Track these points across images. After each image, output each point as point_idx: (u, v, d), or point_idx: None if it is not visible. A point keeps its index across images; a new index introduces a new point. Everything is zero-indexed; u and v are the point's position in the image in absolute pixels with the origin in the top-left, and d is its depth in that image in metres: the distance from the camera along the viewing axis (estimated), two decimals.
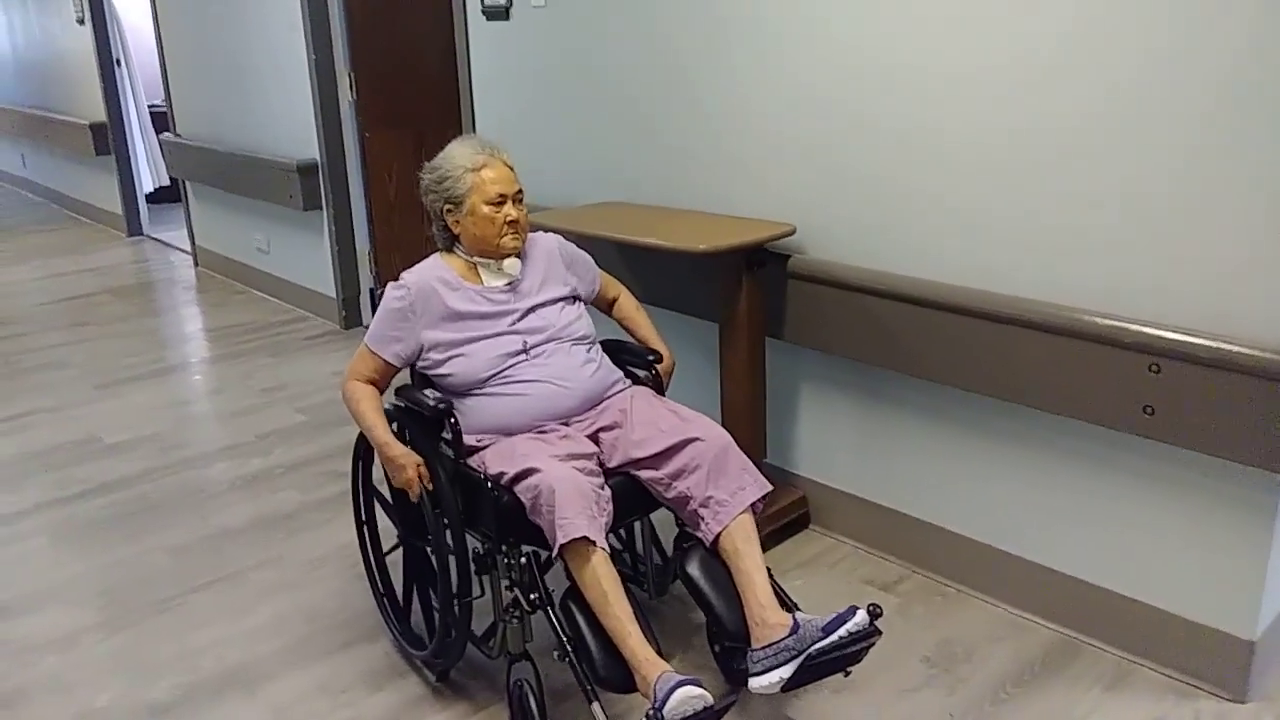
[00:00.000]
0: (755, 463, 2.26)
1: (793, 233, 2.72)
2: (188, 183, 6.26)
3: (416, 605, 2.54)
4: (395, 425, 2.31)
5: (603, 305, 2.63)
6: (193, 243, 6.45)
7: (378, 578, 2.63)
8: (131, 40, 7.05)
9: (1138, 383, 2.15)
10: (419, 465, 2.19)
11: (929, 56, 2.43)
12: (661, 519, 2.39)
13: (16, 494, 3.46)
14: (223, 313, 5.52)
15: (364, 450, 2.54)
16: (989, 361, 2.41)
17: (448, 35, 3.87)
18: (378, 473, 2.53)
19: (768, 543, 2.93)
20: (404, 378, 2.46)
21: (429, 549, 2.34)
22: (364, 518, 2.61)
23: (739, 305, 2.73)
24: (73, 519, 3.28)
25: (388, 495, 2.45)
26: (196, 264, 6.45)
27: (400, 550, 2.51)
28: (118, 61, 6.96)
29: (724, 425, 2.82)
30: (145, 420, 4.05)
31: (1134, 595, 2.39)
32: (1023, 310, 2.32)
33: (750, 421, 2.84)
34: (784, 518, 2.96)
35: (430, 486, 2.20)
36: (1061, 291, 2.30)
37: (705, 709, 1.78)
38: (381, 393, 2.35)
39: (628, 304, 2.63)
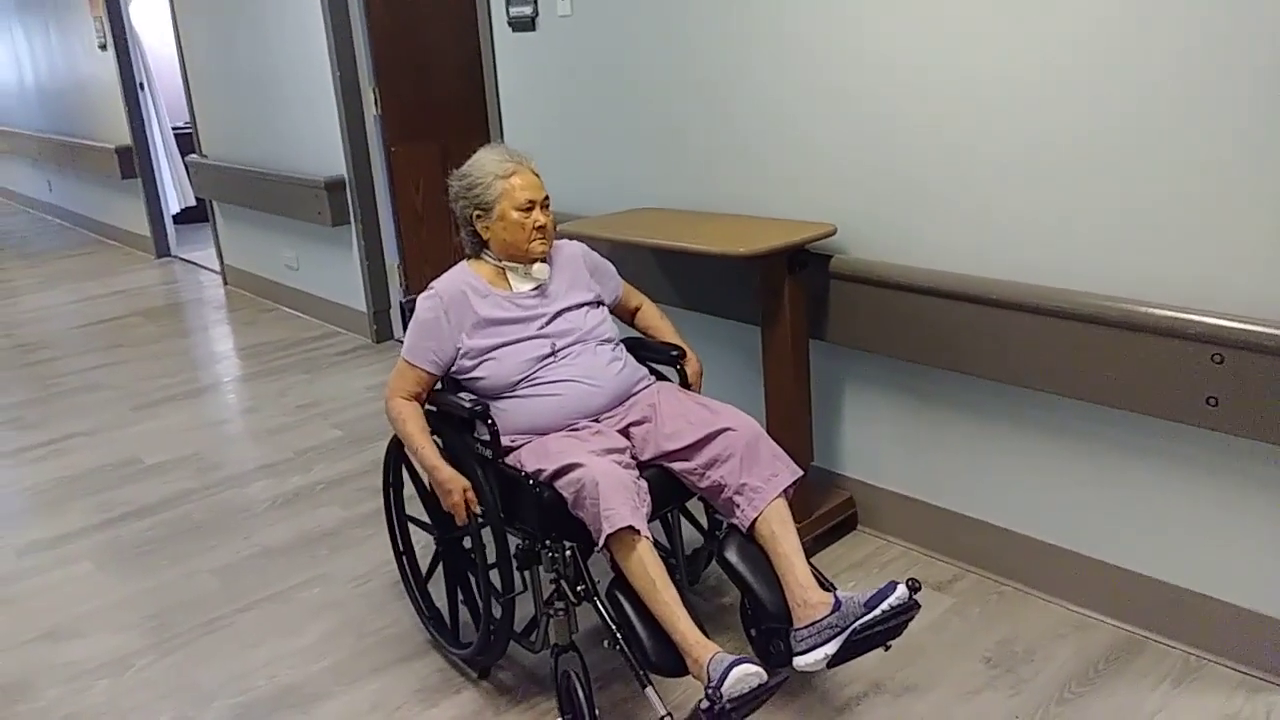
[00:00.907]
0: (802, 466, 2.27)
1: (834, 233, 2.69)
2: (214, 203, 6.29)
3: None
4: (433, 432, 2.34)
5: (625, 315, 2.65)
6: (221, 262, 6.48)
7: (421, 603, 2.66)
8: (153, 63, 7.09)
9: (1200, 374, 2.10)
10: (466, 489, 2.23)
11: (969, 54, 2.39)
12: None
13: (59, 518, 3.47)
14: (254, 331, 5.53)
15: (393, 478, 2.60)
16: (1040, 356, 2.36)
17: (471, 47, 3.86)
18: (407, 488, 2.58)
19: (817, 545, 2.91)
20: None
21: (468, 548, 2.37)
22: (401, 548, 2.67)
23: (781, 307, 2.69)
24: (117, 542, 3.28)
25: (421, 514, 2.52)
26: (226, 283, 6.47)
27: (437, 559, 2.55)
28: (141, 85, 7.01)
29: (769, 428, 2.81)
30: (183, 440, 4.05)
31: (1200, 589, 2.34)
32: (1077, 304, 2.27)
33: (796, 424, 2.80)
34: (832, 519, 2.92)
35: (478, 509, 2.24)
36: (1117, 284, 2.25)
37: (760, 686, 1.83)
38: (422, 405, 2.38)
39: (650, 311, 2.67)
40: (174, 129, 7.32)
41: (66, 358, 5.24)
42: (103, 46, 6.99)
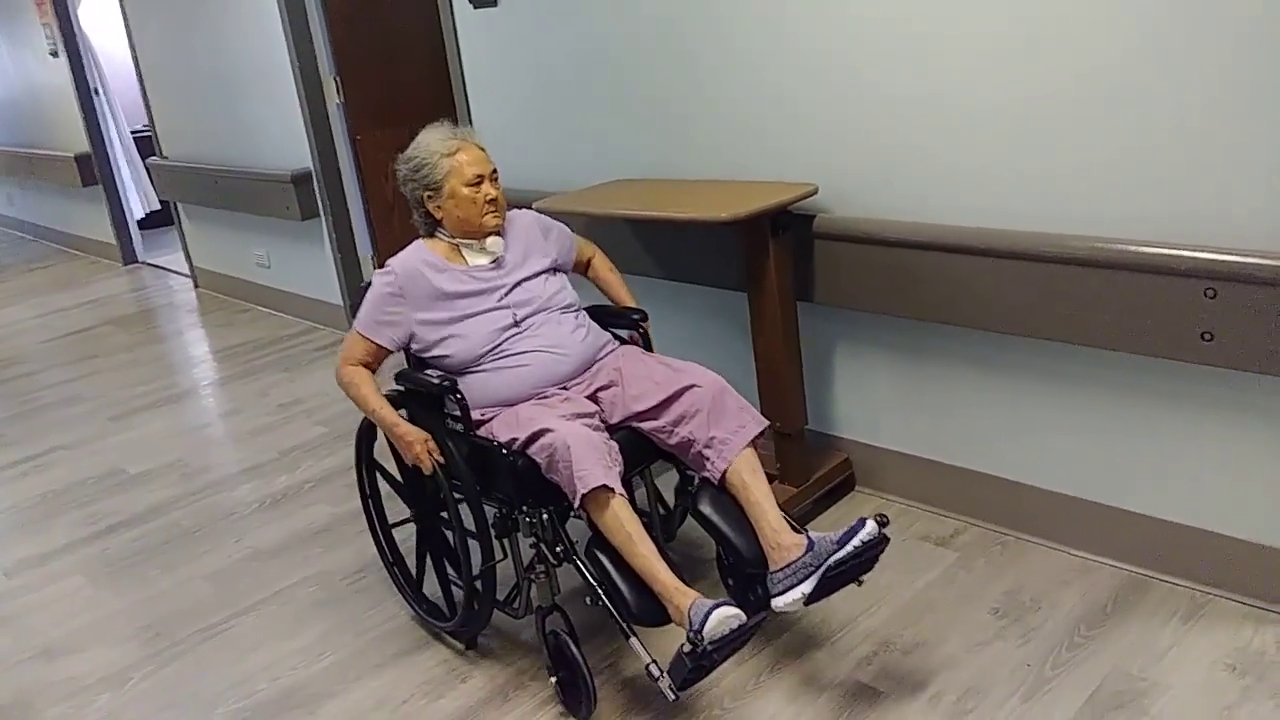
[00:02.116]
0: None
1: (815, 192, 2.65)
2: (179, 205, 6.18)
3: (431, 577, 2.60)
4: (403, 411, 2.38)
5: (579, 268, 2.70)
6: (190, 265, 6.38)
7: (386, 549, 2.71)
8: (107, 67, 6.94)
9: (1194, 310, 2.08)
10: (426, 440, 2.27)
11: (941, 4, 2.35)
12: (659, 470, 2.51)
13: (46, 534, 3.40)
14: (229, 332, 5.45)
15: (366, 430, 2.61)
16: (1033, 303, 2.34)
17: (433, 28, 3.78)
18: (380, 447, 2.58)
19: (816, 509, 2.89)
20: (401, 362, 2.50)
21: (444, 524, 2.45)
22: (368, 492, 2.69)
23: (767, 272, 2.65)
24: (106, 554, 3.22)
25: (394, 473, 2.56)
26: (197, 286, 6.37)
27: (411, 528, 2.60)
28: (95, 90, 6.86)
29: (760, 394, 2.79)
30: (165, 448, 3.98)
31: (1203, 526, 2.33)
32: (1067, 247, 2.25)
33: (788, 389, 2.77)
34: (830, 481, 2.90)
35: (441, 458, 2.28)
36: (1105, 225, 2.23)
37: (740, 626, 1.91)
38: (374, 372, 2.42)
39: (601, 265, 2.72)
40: (132, 133, 7.18)
41: (40, 372, 5.14)
42: (54, 53, 6.84)
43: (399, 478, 2.56)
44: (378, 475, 2.67)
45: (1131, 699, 2.08)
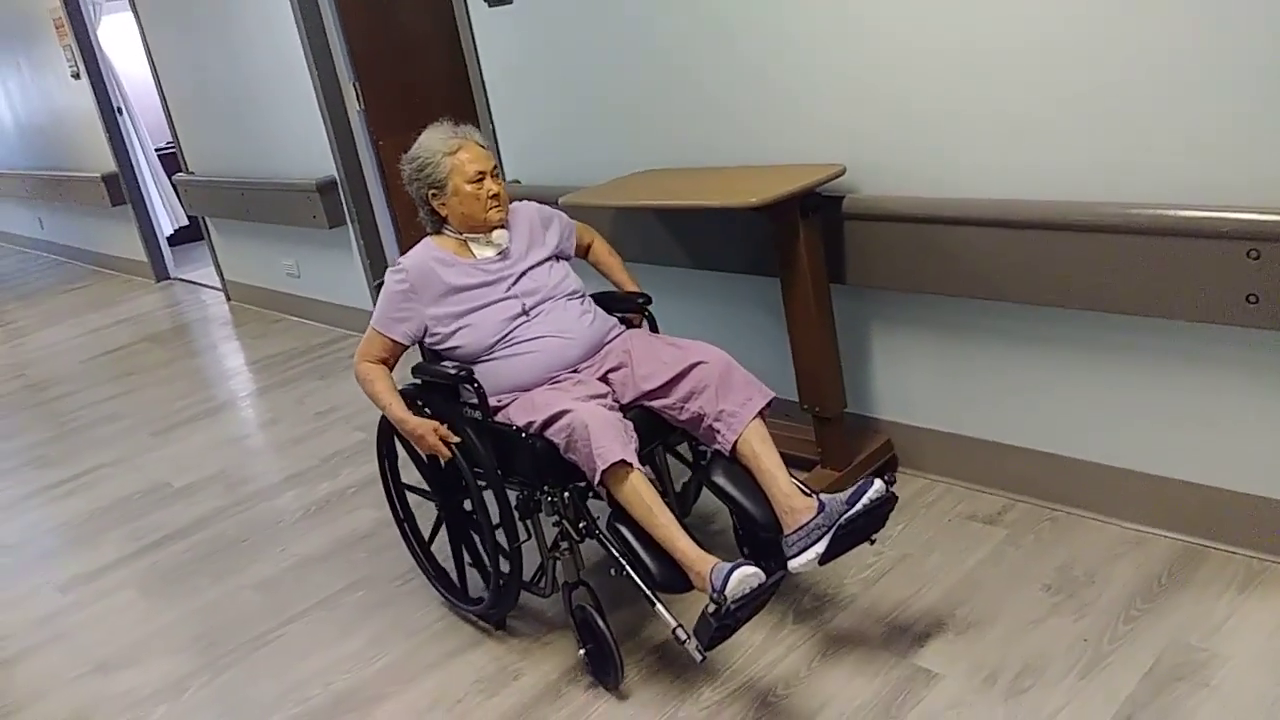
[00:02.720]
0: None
1: (843, 173, 2.63)
2: (208, 220, 6.23)
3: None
4: (422, 404, 2.48)
5: (580, 253, 2.76)
6: (221, 278, 6.43)
7: (429, 566, 2.78)
8: (129, 86, 7.01)
9: (1238, 272, 2.04)
10: (436, 428, 2.35)
11: None
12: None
13: (96, 550, 3.44)
14: (264, 343, 5.49)
15: (386, 448, 2.72)
16: (1069, 273, 2.30)
17: (449, 29, 3.78)
18: (402, 455, 2.68)
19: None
20: (417, 356, 2.57)
21: (468, 507, 2.53)
22: (402, 515, 2.79)
23: (798, 255, 2.64)
24: (156, 568, 3.26)
25: (418, 482, 2.65)
26: (229, 299, 6.43)
27: (443, 526, 2.67)
28: (119, 110, 6.92)
29: (798, 380, 2.78)
30: (207, 460, 4.02)
31: (1256, 492, 2.30)
32: (1102, 215, 2.21)
33: (825, 373, 2.75)
34: (872, 464, 2.88)
35: (456, 439, 2.35)
36: (1142, 190, 2.19)
37: (760, 585, 1.97)
38: (391, 370, 2.50)
39: (601, 249, 2.79)
40: (157, 150, 7.25)
41: (80, 391, 5.20)
42: (76, 75, 6.91)
43: (424, 481, 2.65)
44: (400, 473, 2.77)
45: (1191, 671, 2.05)
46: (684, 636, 2.05)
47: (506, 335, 2.43)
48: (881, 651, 2.27)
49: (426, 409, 2.47)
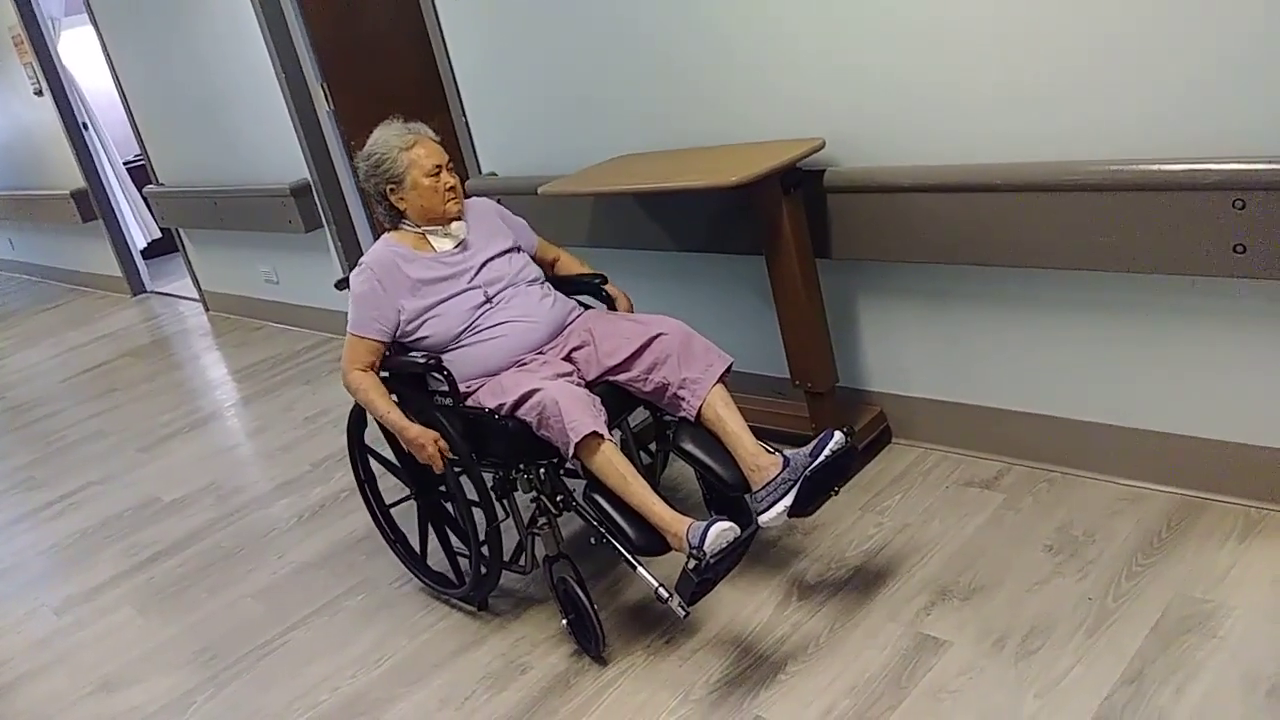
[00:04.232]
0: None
1: (822, 146, 2.61)
2: (181, 230, 6.17)
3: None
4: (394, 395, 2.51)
5: (545, 268, 2.77)
6: (199, 289, 6.37)
7: (386, 527, 2.87)
8: (93, 100, 6.92)
9: (1224, 223, 2.05)
10: (437, 439, 2.37)
11: None
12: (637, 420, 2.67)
13: (91, 569, 3.41)
14: (246, 352, 5.44)
15: (357, 417, 2.76)
16: (1055, 235, 2.30)
17: (416, 25, 3.74)
18: (371, 433, 2.70)
19: (854, 466, 2.86)
20: None
21: (443, 497, 2.62)
22: (363, 476, 2.86)
23: (782, 232, 2.63)
24: (153, 583, 3.23)
25: (390, 457, 2.71)
26: (207, 309, 6.37)
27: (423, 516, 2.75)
28: (84, 125, 6.83)
29: (788, 356, 2.78)
30: (197, 472, 3.99)
31: (1251, 441, 2.31)
32: (1086, 174, 2.21)
33: (815, 348, 2.74)
34: (865, 437, 2.87)
35: (453, 455, 2.39)
36: (1123, 147, 2.19)
37: (736, 539, 2.07)
38: (376, 370, 2.54)
39: (569, 261, 2.84)
40: (125, 163, 7.16)
41: (63, 411, 5.15)
42: (39, 92, 6.82)
43: (394, 460, 2.71)
44: (370, 459, 2.84)
45: (1198, 622, 2.06)
46: (667, 595, 2.14)
47: (472, 323, 2.49)
48: (888, 622, 2.28)
49: (393, 397, 2.50)
